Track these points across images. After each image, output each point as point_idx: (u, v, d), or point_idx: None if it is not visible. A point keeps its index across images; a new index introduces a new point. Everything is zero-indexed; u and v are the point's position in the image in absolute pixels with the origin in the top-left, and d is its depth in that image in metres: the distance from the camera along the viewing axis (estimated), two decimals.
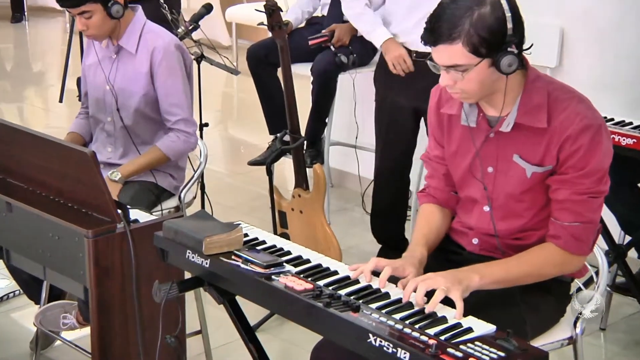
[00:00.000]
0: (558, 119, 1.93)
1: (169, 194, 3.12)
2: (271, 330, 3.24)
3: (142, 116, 3.01)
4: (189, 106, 3.01)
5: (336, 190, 4.70)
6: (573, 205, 1.95)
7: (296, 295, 1.75)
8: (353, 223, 4.30)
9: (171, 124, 2.99)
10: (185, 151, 3.02)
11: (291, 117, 3.32)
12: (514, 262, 1.97)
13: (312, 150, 4.34)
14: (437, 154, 2.18)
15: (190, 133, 3.00)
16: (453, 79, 1.91)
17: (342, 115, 4.49)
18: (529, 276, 1.97)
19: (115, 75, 2.98)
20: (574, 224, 1.95)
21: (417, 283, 1.79)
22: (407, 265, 1.94)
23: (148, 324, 2.25)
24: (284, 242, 2.05)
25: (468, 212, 2.13)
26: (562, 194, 1.95)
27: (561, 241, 1.97)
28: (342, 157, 4.62)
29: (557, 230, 1.97)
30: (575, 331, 2.12)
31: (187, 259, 1.96)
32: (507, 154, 2.01)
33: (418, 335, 1.59)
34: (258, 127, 5.07)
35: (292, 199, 3.38)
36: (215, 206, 3.97)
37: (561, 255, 1.97)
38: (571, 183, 1.94)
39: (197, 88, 3.95)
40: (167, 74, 2.94)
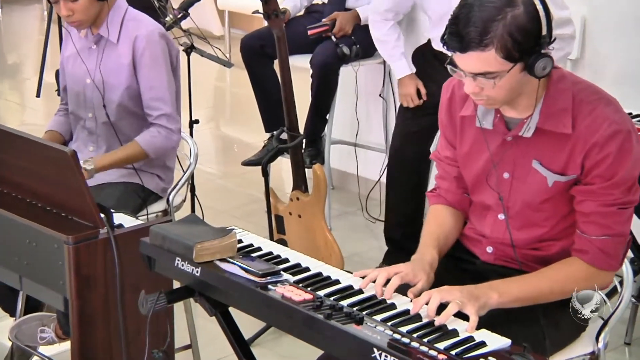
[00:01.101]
0: (583, 124, 1.92)
1: (156, 197, 3.12)
2: (267, 344, 3.24)
3: (126, 111, 3.01)
4: (173, 101, 3.01)
5: (337, 192, 4.70)
6: (601, 217, 1.94)
7: (294, 306, 1.76)
8: (356, 228, 4.30)
9: (153, 119, 2.99)
10: (166, 149, 3.01)
11: (289, 113, 3.33)
12: (535, 278, 1.97)
13: (312, 149, 4.34)
14: (448, 154, 2.19)
15: (173, 130, 2.99)
16: (480, 86, 1.90)
17: (344, 111, 4.50)
18: (551, 294, 1.97)
19: (95, 68, 2.99)
20: (602, 238, 1.95)
21: (430, 295, 1.79)
22: (417, 270, 1.94)
23: (133, 338, 2.25)
24: (281, 249, 2.05)
25: (482, 219, 2.13)
26: (589, 207, 1.95)
27: (588, 256, 1.96)
28: (344, 157, 4.62)
29: (584, 244, 1.97)
30: (598, 346, 2.12)
31: (176, 267, 1.97)
32: (526, 160, 2.01)
33: (426, 349, 1.60)
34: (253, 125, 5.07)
35: (289, 202, 3.39)
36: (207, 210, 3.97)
37: (588, 271, 1.97)
38: (598, 194, 1.93)
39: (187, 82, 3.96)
40: (150, 65, 2.95)
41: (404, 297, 1.84)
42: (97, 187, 2.95)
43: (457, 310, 1.76)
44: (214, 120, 6.41)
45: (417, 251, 2.06)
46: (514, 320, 1.94)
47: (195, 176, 3.94)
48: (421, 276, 1.93)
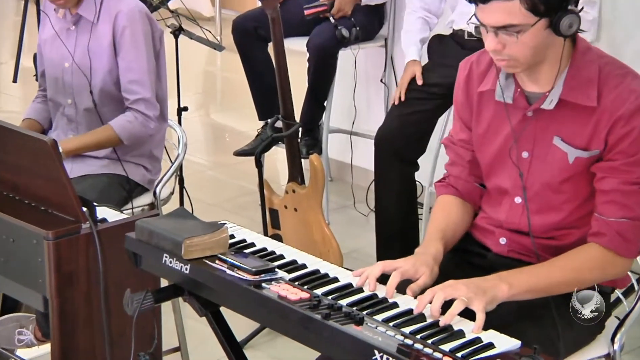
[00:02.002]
0: (609, 97, 1.95)
1: (142, 189, 3.12)
2: (261, 346, 3.25)
3: (108, 96, 3.01)
4: (153, 85, 3.00)
5: (336, 184, 4.71)
6: (621, 197, 1.95)
7: (290, 305, 1.76)
8: (356, 222, 4.31)
9: (129, 103, 2.98)
10: (142, 136, 3.01)
11: (284, 100, 3.33)
12: (547, 267, 1.98)
13: (309, 138, 4.34)
14: (463, 137, 2.19)
15: (150, 117, 2.99)
16: (503, 42, 1.92)
17: (342, 98, 4.50)
18: (566, 283, 1.97)
19: (74, 50, 2.98)
20: (621, 220, 1.96)
21: (434, 293, 1.79)
22: (420, 264, 1.94)
23: (118, 340, 2.25)
24: (276, 245, 2.06)
25: (496, 205, 2.14)
26: (609, 184, 1.96)
27: (605, 239, 1.97)
28: (343, 147, 4.63)
29: (601, 227, 1.98)
30: (613, 347, 2.13)
31: (163, 265, 1.97)
32: (547, 136, 2.02)
33: (431, 351, 1.60)
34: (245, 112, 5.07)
35: (285, 194, 3.39)
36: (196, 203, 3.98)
37: (604, 256, 1.98)
38: (620, 171, 1.95)
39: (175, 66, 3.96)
40: (130, 45, 2.94)
41: (406, 296, 1.85)
42: (78, 179, 2.95)
43: (464, 308, 1.76)
44: (203, 107, 6.41)
45: (421, 244, 2.06)
46: (526, 320, 1.94)
47: (184, 167, 3.94)
48: (423, 271, 1.93)
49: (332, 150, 4.49)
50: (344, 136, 4.56)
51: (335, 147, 4.61)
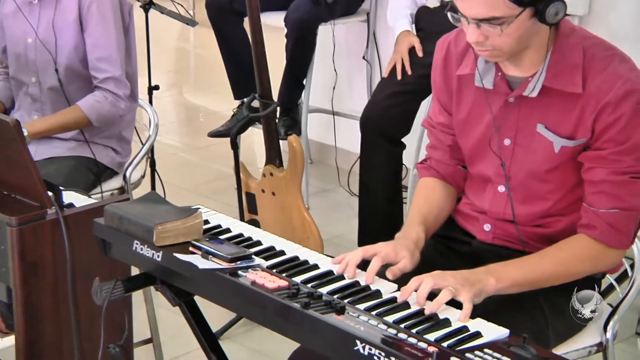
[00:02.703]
0: (595, 82, 1.94)
1: (112, 172, 3.11)
2: (238, 337, 3.26)
3: (75, 75, 2.99)
4: (122, 63, 2.99)
5: (316, 167, 4.71)
6: (611, 187, 1.95)
7: (268, 294, 1.76)
8: (337, 207, 4.32)
9: (98, 82, 2.97)
10: (112, 117, 3.00)
11: (261, 78, 3.32)
12: (536, 259, 1.98)
13: (287, 118, 4.34)
14: (442, 120, 2.19)
15: (120, 96, 2.98)
16: (485, 34, 1.90)
17: (323, 76, 4.50)
18: (556, 276, 1.98)
19: (38, 25, 2.96)
20: (612, 211, 1.96)
21: (420, 281, 1.80)
22: (400, 248, 1.95)
23: (86, 331, 2.25)
24: (253, 231, 2.05)
25: (480, 192, 2.14)
26: (598, 174, 1.96)
27: (596, 232, 1.98)
28: (323, 127, 4.63)
29: (591, 219, 1.98)
30: (606, 336, 2.15)
31: (134, 252, 1.96)
32: (530, 123, 2.01)
33: (415, 341, 1.60)
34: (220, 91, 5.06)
35: (262, 178, 3.39)
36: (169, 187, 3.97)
37: (595, 249, 1.99)
38: (609, 161, 1.94)
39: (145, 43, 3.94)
40: (97, 21, 2.93)
41: (391, 283, 1.85)
42: (44, 162, 2.93)
43: (450, 298, 1.77)
44: (176, 86, 6.38)
45: (401, 229, 2.06)
46: (514, 308, 1.96)
47: (156, 149, 3.93)
48: (404, 254, 1.94)
49: (311, 131, 4.49)
50: (325, 116, 4.56)
51: (315, 128, 4.61)
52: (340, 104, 4.49)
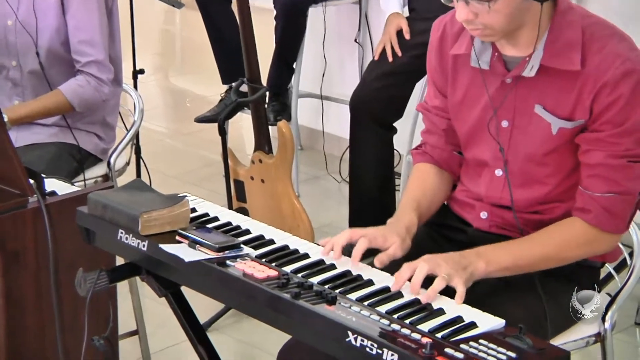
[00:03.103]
0: (594, 61, 1.94)
1: (95, 159, 3.11)
2: (226, 329, 3.26)
3: (57, 58, 2.98)
4: (105, 46, 2.98)
5: (306, 153, 4.71)
6: (607, 171, 1.96)
7: (257, 284, 1.76)
8: (327, 194, 4.32)
9: (81, 66, 2.96)
10: (95, 102, 2.99)
11: (249, 62, 3.31)
12: (528, 243, 1.99)
13: (276, 103, 4.33)
14: (437, 104, 2.19)
15: (103, 80, 2.97)
16: (474, 11, 1.91)
17: (313, 59, 4.49)
18: (547, 260, 1.99)
19: (18, 7, 2.95)
20: (608, 195, 1.97)
21: (413, 267, 1.80)
22: (390, 233, 1.95)
23: (70, 323, 2.25)
24: (242, 219, 2.05)
25: (476, 177, 2.15)
26: (595, 157, 1.97)
27: (591, 215, 1.98)
28: (314, 113, 4.62)
29: (587, 203, 1.99)
30: (604, 326, 2.15)
31: (119, 241, 1.96)
32: (528, 104, 2.02)
33: (409, 332, 1.61)
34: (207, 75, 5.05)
35: (251, 165, 3.39)
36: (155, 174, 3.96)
37: (589, 233, 1.99)
38: (606, 143, 1.95)
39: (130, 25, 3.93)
40: (79, 2, 2.91)
41: (383, 272, 1.86)
42: (25, 148, 2.93)
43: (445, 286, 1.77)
44: (161, 70, 6.37)
45: (394, 214, 2.07)
46: (510, 298, 1.96)
47: (141, 135, 3.93)
48: (394, 240, 1.94)
49: (302, 116, 4.48)
50: (315, 101, 4.56)
51: (306, 113, 4.60)
52: (331, 88, 4.48)
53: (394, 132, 3.64)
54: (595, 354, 2.23)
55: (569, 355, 1.61)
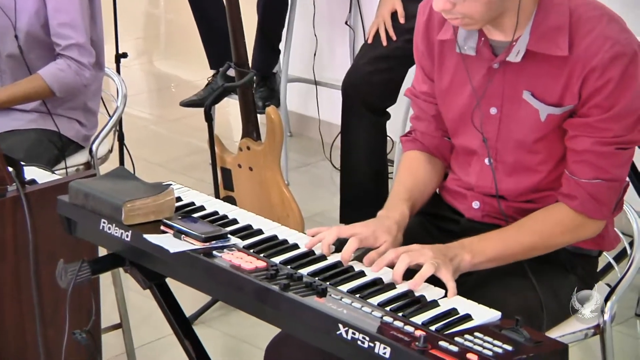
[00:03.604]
0: (582, 45, 1.94)
1: (77, 147, 3.10)
2: (213, 322, 3.26)
3: (36, 41, 2.97)
4: (87, 29, 2.97)
5: (296, 140, 4.70)
6: (595, 157, 1.97)
7: (245, 276, 1.76)
8: (318, 183, 4.32)
9: (61, 49, 2.95)
10: (76, 87, 2.98)
11: (236, 44, 3.30)
12: (513, 232, 2.00)
13: (264, 88, 4.33)
14: (425, 89, 2.19)
15: (84, 65, 2.96)
16: (452, 1, 1.90)
17: (302, 42, 4.48)
18: (533, 249, 2.00)
19: None
20: (594, 181, 1.98)
21: (397, 253, 1.81)
22: (381, 232, 1.95)
23: (51, 316, 2.25)
24: (229, 208, 2.05)
25: (465, 166, 2.15)
26: (582, 143, 1.97)
27: (576, 202, 2.00)
28: (303, 98, 4.62)
29: (572, 189, 2.00)
30: (604, 318, 2.16)
31: (101, 231, 1.96)
32: (516, 90, 2.02)
33: (401, 324, 1.61)
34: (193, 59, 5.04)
35: (238, 152, 3.38)
36: (138, 162, 3.96)
37: (574, 219, 2.01)
38: (594, 128, 1.95)
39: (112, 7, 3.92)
40: None
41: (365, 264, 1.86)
42: (3, 135, 2.93)
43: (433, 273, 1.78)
44: (145, 53, 6.35)
45: (384, 207, 2.07)
46: (505, 289, 1.97)
47: (124, 121, 3.92)
48: (384, 238, 1.94)
49: (291, 102, 4.48)
50: (305, 86, 4.55)
51: (295, 98, 4.60)
52: (321, 72, 4.48)
53: (387, 118, 3.64)
54: (594, 347, 2.24)
55: (567, 348, 1.62)
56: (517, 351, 1.56)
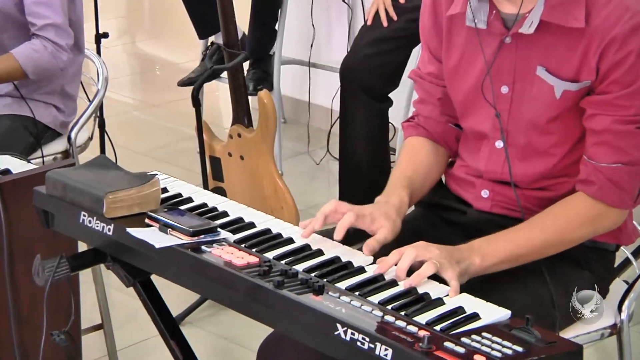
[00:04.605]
0: (599, 16, 1.95)
1: (54, 134, 3.10)
2: (202, 322, 3.27)
3: (10, 20, 2.97)
4: (64, 7, 2.97)
5: (291, 127, 4.71)
6: (614, 138, 1.97)
7: (236, 272, 1.76)
8: (314, 173, 4.32)
9: (37, 29, 2.95)
10: (52, 69, 2.97)
11: (226, 23, 3.30)
12: (526, 229, 2.00)
13: (257, 71, 4.33)
14: (432, 70, 2.20)
15: (61, 46, 2.95)
16: None
17: (298, 22, 4.48)
18: (548, 246, 2.00)
19: None
20: (614, 166, 1.98)
21: (401, 253, 1.81)
22: (379, 215, 1.96)
23: (27, 316, 2.25)
24: (219, 200, 2.06)
25: (475, 151, 2.15)
26: (601, 122, 1.98)
27: (595, 188, 2.00)
28: (299, 81, 4.62)
29: (590, 174, 2.00)
30: (621, 317, 2.17)
31: (81, 225, 1.96)
32: (529, 66, 2.02)
33: (404, 324, 1.61)
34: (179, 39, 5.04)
35: (229, 139, 3.39)
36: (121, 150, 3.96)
37: (593, 209, 2.01)
38: (614, 106, 1.96)
39: None
40: None
41: (356, 249, 1.87)
42: None
43: (434, 273, 1.78)
44: (128, 33, 6.34)
45: (382, 193, 2.07)
46: (515, 286, 1.97)
47: (105, 107, 3.92)
48: (382, 223, 1.94)
49: (285, 86, 4.48)
50: (300, 68, 4.55)
51: (290, 82, 4.60)
52: (317, 54, 4.48)
53: (389, 104, 3.64)
54: (610, 348, 2.25)
55: (581, 349, 1.62)
56: (528, 352, 1.56)
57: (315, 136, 4.46)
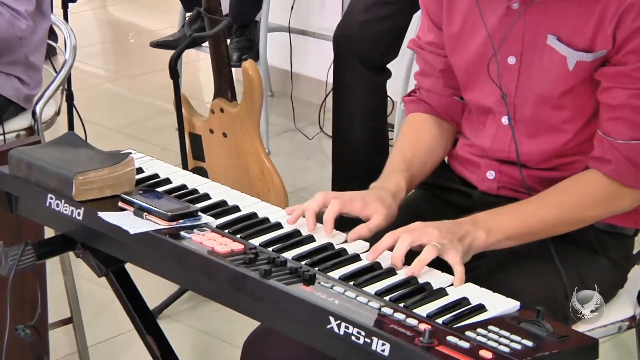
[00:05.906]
0: None
1: (17, 109, 3.10)
2: (181, 315, 3.28)
3: None
4: None
5: (279, 101, 4.71)
6: (632, 113, 1.98)
7: (218, 260, 1.77)
8: (305, 151, 4.33)
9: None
10: (9, 39, 2.95)
11: None
12: (535, 204, 2.01)
13: (241, 39, 4.33)
14: (432, 39, 2.20)
15: (19, 12, 2.93)
16: None
17: None
18: (558, 224, 2.01)
19: None
20: (631, 142, 1.99)
21: (396, 237, 1.82)
22: (371, 199, 1.96)
23: None
24: (199, 181, 2.06)
25: (479, 127, 2.16)
26: (617, 96, 1.98)
27: (611, 167, 2.01)
28: (287, 51, 4.61)
29: (606, 151, 2.01)
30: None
31: (47, 208, 1.97)
32: (539, 34, 2.03)
33: (403, 317, 1.62)
34: (155, 3, 5.02)
35: (210, 115, 3.39)
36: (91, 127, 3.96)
37: (608, 188, 2.02)
38: (631, 78, 1.97)
39: None
40: None
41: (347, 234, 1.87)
42: None
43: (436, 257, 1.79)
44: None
45: (379, 177, 2.08)
46: (525, 274, 1.98)
47: (74, 78, 3.91)
48: (375, 208, 1.95)
49: (272, 55, 4.48)
50: (289, 36, 4.54)
51: (277, 51, 4.59)
52: (308, 20, 4.47)
53: (387, 76, 3.65)
54: (628, 342, 2.26)
55: (597, 343, 1.63)
56: (539, 347, 1.57)
57: (306, 111, 4.46)
